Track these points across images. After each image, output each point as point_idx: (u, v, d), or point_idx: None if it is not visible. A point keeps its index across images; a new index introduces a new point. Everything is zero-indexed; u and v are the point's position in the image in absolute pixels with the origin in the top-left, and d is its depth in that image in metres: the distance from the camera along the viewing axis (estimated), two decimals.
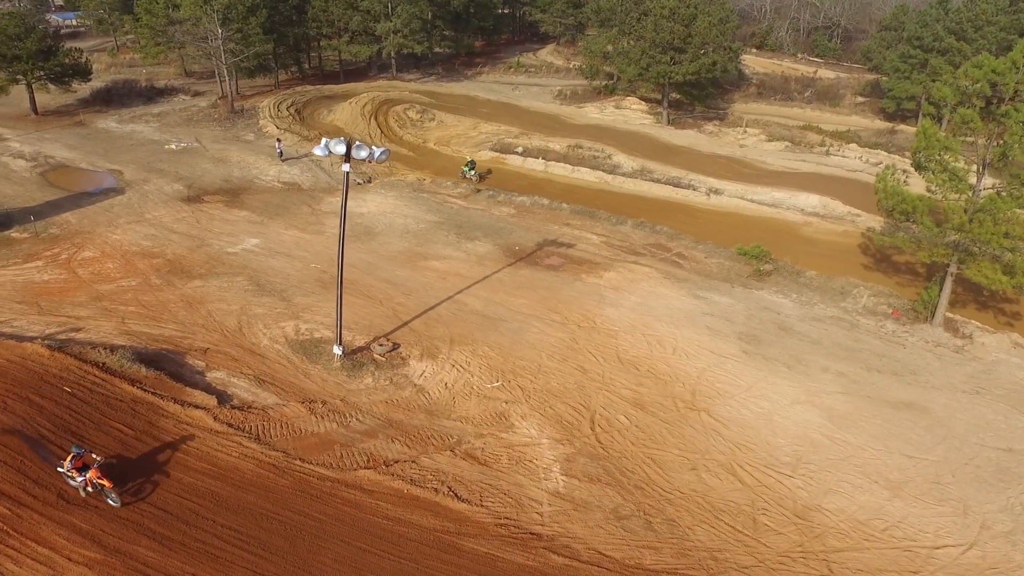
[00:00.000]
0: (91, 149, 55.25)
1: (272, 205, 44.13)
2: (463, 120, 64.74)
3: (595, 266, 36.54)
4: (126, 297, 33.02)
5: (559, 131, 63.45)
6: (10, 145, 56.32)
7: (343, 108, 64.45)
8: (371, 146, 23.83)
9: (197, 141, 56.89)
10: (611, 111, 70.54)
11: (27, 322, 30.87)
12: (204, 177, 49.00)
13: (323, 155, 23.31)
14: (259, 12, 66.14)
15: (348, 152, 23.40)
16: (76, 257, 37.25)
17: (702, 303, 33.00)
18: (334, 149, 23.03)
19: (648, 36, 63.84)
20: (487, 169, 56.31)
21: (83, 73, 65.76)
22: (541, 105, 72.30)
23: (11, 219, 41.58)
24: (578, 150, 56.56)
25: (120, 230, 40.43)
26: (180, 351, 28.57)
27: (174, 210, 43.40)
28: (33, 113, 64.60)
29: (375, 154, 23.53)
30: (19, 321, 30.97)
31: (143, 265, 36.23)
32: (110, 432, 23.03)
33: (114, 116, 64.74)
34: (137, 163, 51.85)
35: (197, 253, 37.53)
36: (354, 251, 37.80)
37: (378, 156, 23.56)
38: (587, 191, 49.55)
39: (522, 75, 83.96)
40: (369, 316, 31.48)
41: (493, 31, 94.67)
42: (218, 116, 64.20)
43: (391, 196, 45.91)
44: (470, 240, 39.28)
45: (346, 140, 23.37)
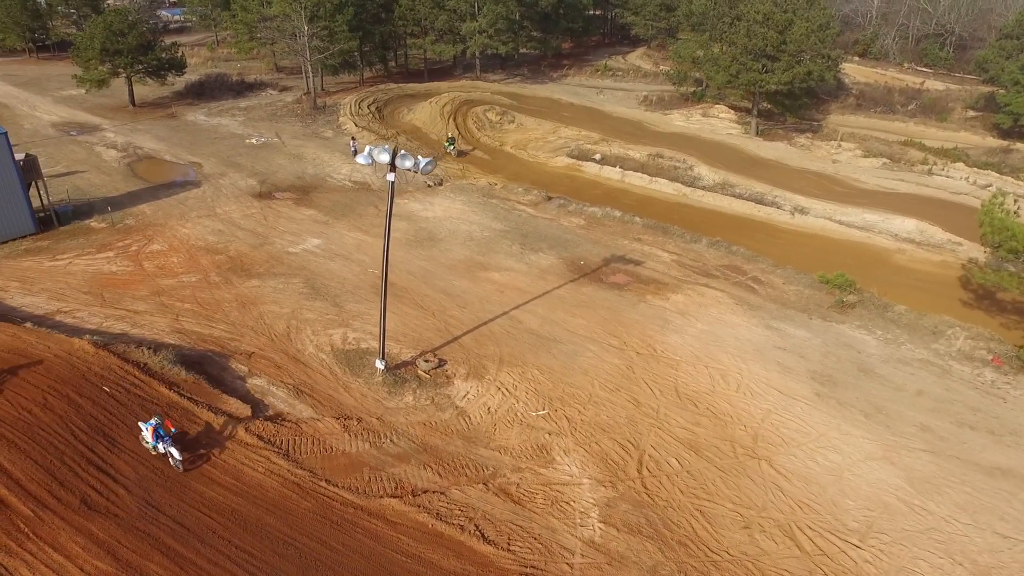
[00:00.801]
0: (177, 141, 56.29)
1: (339, 205, 43.56)
2: (543, 123, 63.05)
3: (662, 287, 34.23)
4: (184, 293, 32.84)
5: (641, 138, 60.97)
6: (106, 135, 58.03)
7: (422, 108, 63.78)
8: (416, 156, 22.41)
9: (277, 136, 57.21)
10: (697, 119, 67.47)
11: (88, 313, 31.03)
12: (278, 173, 48.99)
13: (366, 163, 22.03)
14: (346, 10, 66.20)
15: (393, 161, 22.07)
16: (145, 250, 37.49)
17: (775, 335, 30.28)
18: (377, 158, 21.75)
19: (740, 42, 60.56)
20: (471, 147, 58.44)
21: (178, 67, 67.35)
22: (625, 110, 69.86)
23: (93, 209, 42.40)
24: (658, 160, 54.01)
25: (190, 224, 40.59)
26: (225, 354, 27.98)
27: (244, 206, 43.38)
28: (131, 105, 66.58)
29: (420, 164, 22.12)
30: (81, 312, 31.15)
31: (205, 261, 36.10)
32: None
33: (204, 109, 66.04)
34: (217, 156, 52.41)
35: (259, 251, 37.19)
36: (413, 257, 36.72)
37: (423, 166, 22.14)
38: (664, 204, 47.06)
39: (608, 79, 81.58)
40: (419, 328, 30.20)
41: (582, 33, 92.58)
42: (300, 112, 64.59)
43: (459, 200, 44.67)
44: (534, 251, 37.57)
45: (390, 148, 22.03)
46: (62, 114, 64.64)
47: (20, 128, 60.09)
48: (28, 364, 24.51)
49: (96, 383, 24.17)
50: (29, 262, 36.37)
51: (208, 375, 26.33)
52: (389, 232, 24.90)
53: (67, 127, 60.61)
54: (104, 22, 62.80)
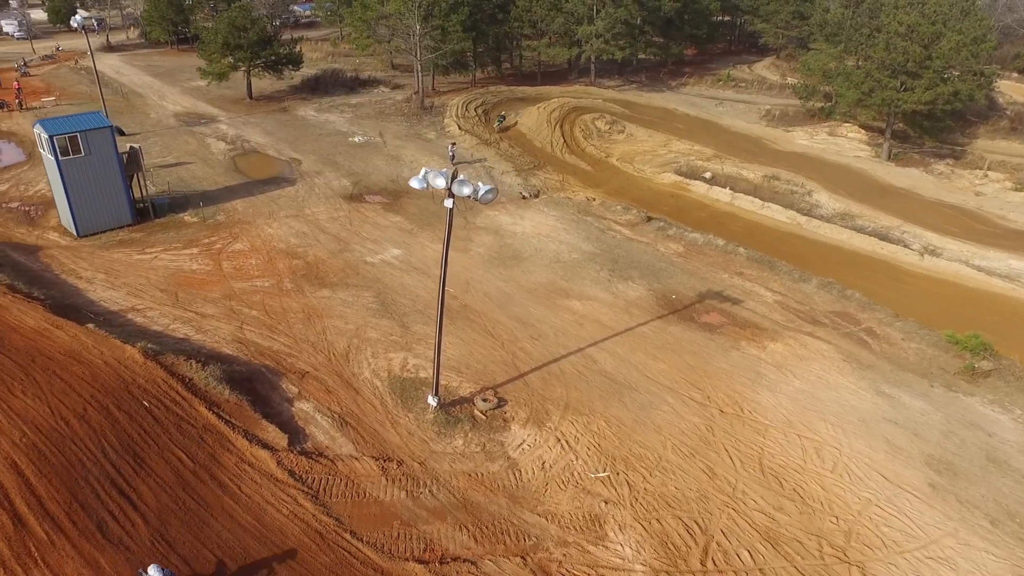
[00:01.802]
0: (283, 136, 56.31)
1: (427, 213, 41.73)
2: (654, 135, 59.27)
3: (760, 332, 30.27)
4: (254, 299, 31.77)
5: (758, 157, 56.18)
6: (219, 127, 58.89)
7: (529, 113, 61.34)
8: (477, 183, 19.84)
9: (380, 136, 56.25)
10: (822, 138, 61.77)
11: (159, 313, 30.45)
12: (373, 175, 47.80)
13: (420, 187, 19.65)
14: (461, 10, 64.64)
15: (449, 186, 19.62)
16: (227, 248, 36.89)
17: (886, 404, 25.86)
18: (432, 182, 19.34)
19: (877, 56, 54.65)
20: (514, 122, 59.71)
21: (295, 62, 67.83)
22: (744, 125, 64.93)
23: (187, 202, 42.46)
24: (773, 182, 49.29)
25: (276, 223, 39.82)
26: (279, 371, 26.49)
27: (332, 207, 42.30)
28: (248, 98, 67.63)
29: (480, 192, 19.55)
30: (153, 311, 30.62)
31: (282, 265, 35.03)
32: (171, 460, 21.10)
33: (315, 104, 66.20)
34: (317, 154, 51.89)
35: (337, 258, 35.80)
36: (493, 278, 34.30)
37: (482, 195, 19.56)
38: (774, 233, 42.54)
39: (730, 89, 76.49)
40: (485, 360, 27.73)
41: (707, 40, 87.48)
42: (407, 111, 63.55)
43: (552, 216, 41.91)
44: (623, 280, 34.33)
45: (447, 172, 19.57)
46: (186, 104, 66.40)
47: (146, 117, 62.06)
48: (78, 368, 23.79)
49: (138, 396, 23.07)
50: (119, 254, 36.48)
51: (255, 394, 24.86)
52: (446, 264, 22.37)
53: (187, 117, 62.06)
54: (228, 17, 63.90)
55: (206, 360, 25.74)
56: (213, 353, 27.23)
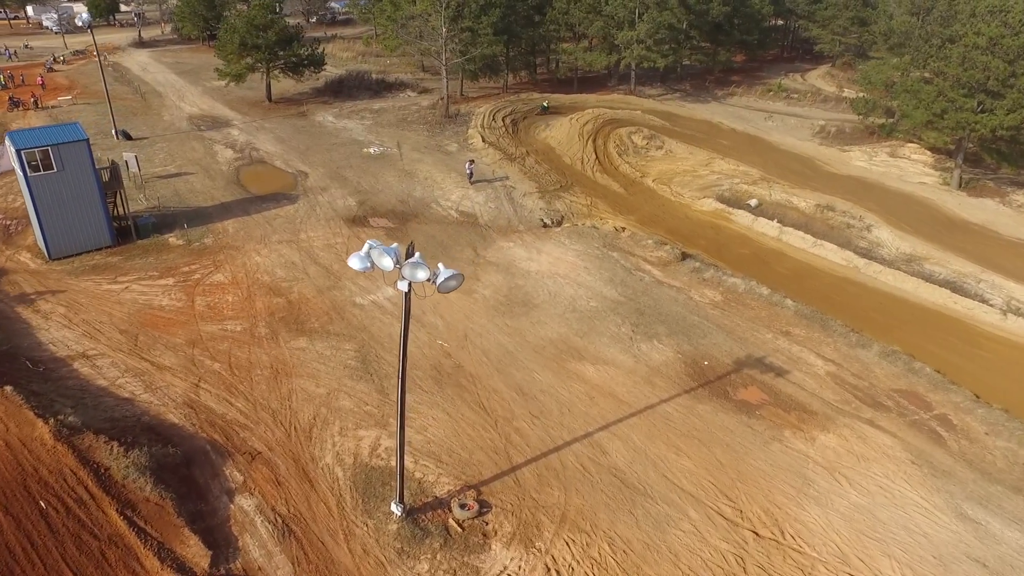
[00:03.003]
0: (295, 145, 52.04)
1: (434, 242, 36.90)
2: (695, 152, 53.51)
3: (809, 417, 24.73)
4: (220, 348, 27.34)
5: (810, 180, 50.09)
6: (231, 132, 54.94)
7: (560, 125, 56.06)
8: (437, 266, 14.80)
9: (397, 147, 51.59)
10: (883, 159, 55.26)
11: (110, 362, 26.30)
12: (382, 193, 43.10)
13: (361, 269, 14.65)
14: (492, 11, 59.55)
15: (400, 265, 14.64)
16: (206, 280, 32.57)
17: (969, 532, 20.21)
18: (377, 261, 14.37)
19: (951, 72, 48.03)
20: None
21: (317, 64, 63.60)
22: (795, 142, 58.66)
23: (176, 221, 38.35)
24: (827, 213, 43.26)
25: (266, 250, 35.43)
26: (226, 450, 21.93)
27: (332, 232, 37.75)
28: (267, 100, 63.69)
29: (439, 277, 14.55)
30: (104, 359, 26.49)
31: (261, 304, 30.55)
32: None
33: (335, 109, 61.85)
34: (327, 166, 47.43)
35: (323, 298, 31.20)
36: (496, 329, 29.29)
37: (442, 282, 14.55)
38: (827, 278, 36.66)
39: (781, 101, 70.01)
40: (472, 444, 22.78)
41: (758, 46, 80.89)
42: (431, 119, 58.76)
43: (573, 250, 36.69)
44: (647, 338, 29.00)
45: (397, 249, 14.58)
46: (203, 106, 62.70)
47: (159, 119, 58.51)
48: None
49: (35, 494, 18.68)
50: (88, 282, 32.46)
51: (190, 484, 20.35)
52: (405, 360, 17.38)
53: (201, 120, 58.29)
54: (247, 15, 59.88)
55: (135, 439, 21.30)
56: (153, 424, 22.84)
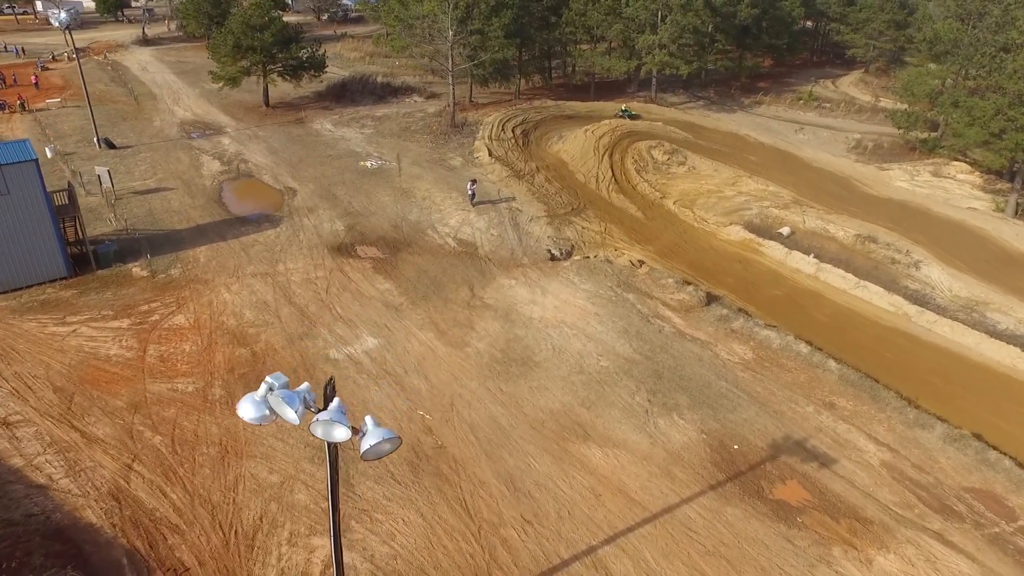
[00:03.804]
0: (287, 156, 47.63)
1: (427, 278, 32.32)
2: (721, 170, 48.53)
3: (862, 528, 19.93)
4: (166, 415, 23.02)
5: (847, 203, 45.02)
6: (221, 141, 50.70)
7: (575, 137, 51.23)
8: (363, 425, 10.01)
9: (397, 160, 47.03)
10: (925, 179, 50.01)
11: (34, 432, 22.13)
12: (373, 217, 38.57)
13: (257, 420, 10.00)
14: (504, 13, 54.72)
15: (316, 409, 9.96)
16: (164, 323, 28.24)
17: None
18: (278, 409, 9.72)
19: (1011, 87, 42.71)
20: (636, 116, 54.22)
21: (317, 67, 59.15)
22: (829, 158, 53.49)
23: (143, 247, 34.08)
24: (869, 245, 38.22)
25: (237, 285, 31.06)
26: (145, 568, 17.52)
27: (313, 263, 33.28)
28: (264, 105, 59.33)
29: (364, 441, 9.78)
30: (28, 427, 22.40)
31: (221, 357, 26.17)
32: None
33: (335, 116, 57.38)
34: (318, 182, 42.98)
35: (293, 349, 26.76)
36: (488, 396, 24.68)
37: (367, 450, 9.75)
38: (873, 328, 31.66)
39: (812, 111, 64.67)
40: (447, 562, 18.22)
41: (787, 50, 75.45)
42: (436, 128, 54.14)
43: (584, 290, 31.96)
44: (666, 411, 24.27)
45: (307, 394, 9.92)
46: (197, 111, 58.47)
47: (149, 125, 54.41)
48: None
49: None
50: (33, 323, 28.23)
51: None
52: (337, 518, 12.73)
53: (193, 127, 54.09)
54: (242, 15, 55.48)
55: (27, 556, 16.96)
56: (63, 526, 18.53)
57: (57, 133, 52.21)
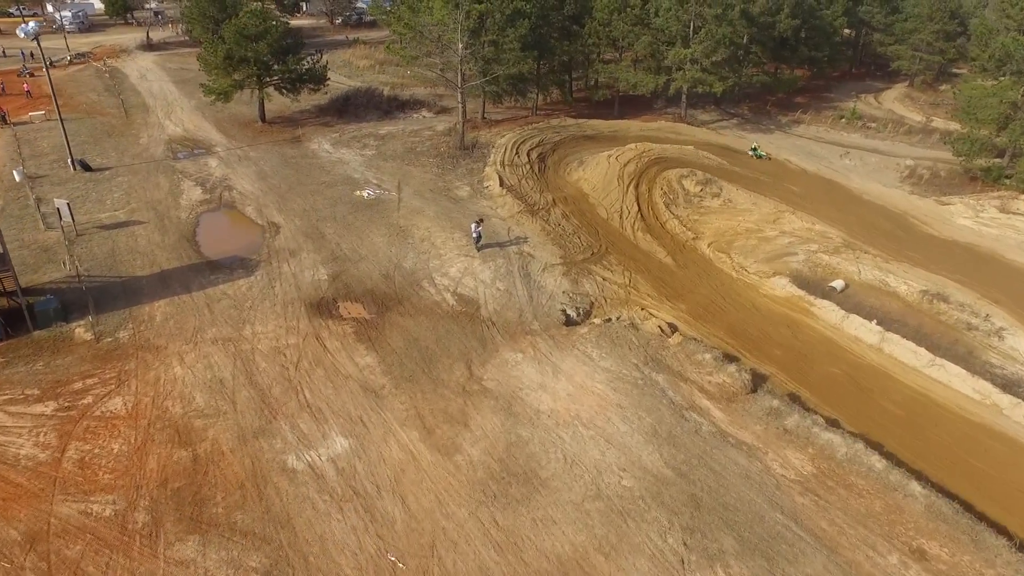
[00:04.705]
0: (277, 182, 42.37)
1: (417, 350, 26.82)
2: (760, 203, 42.57)
3: None
4: (68, 554, 17.82)
5: (906, 246, 38.95)
6: (208, 163, 45.61)
7: (597, 164, 45.45)
8: None
9: (397, 189, 41.57)
10: (992, 216, 43.71)
11: None
12: (363, 262, 33.15)
13: None
14: (521, 23, 48.98)
15: None
16: (96, 410, 23.07)
17: None
18: None
19: None
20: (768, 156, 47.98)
21: (317, 80, 53.81)
22: (880, 190, 47.30)
23: (95, 299, 28.92)
24: (938, 305, 32.16)
25: (192, 356, 25.81)
26: None
27: (286, 326, 27.92)
28: (260, 121, 54.14)
29: None
30: None
31: (155, 463, 20.91)
32: None
33: (335, 134, 52.05)
34: (306, 217, 37.67)
35: (243, 453, 21.40)
36: (481, 534, 19.12)
37: None
38: (956, 423, 25.62)
39: (857, 131, 58.32)
40: None
41: (828, 63, 68.98)
42: (443, 150, 48.62)
43: (603, 369, 26.26)
44: (708, 561, 18.56)
45: None
46: (188, 126, 53.47)
47: (135, 142, 49.50)
48: None
49: None
50: None
51: None
52: None
53: (181, 145, 49.07)
54: (236, 24, 50.21)
55: None
56: None
57: (34, 151, 47.48)
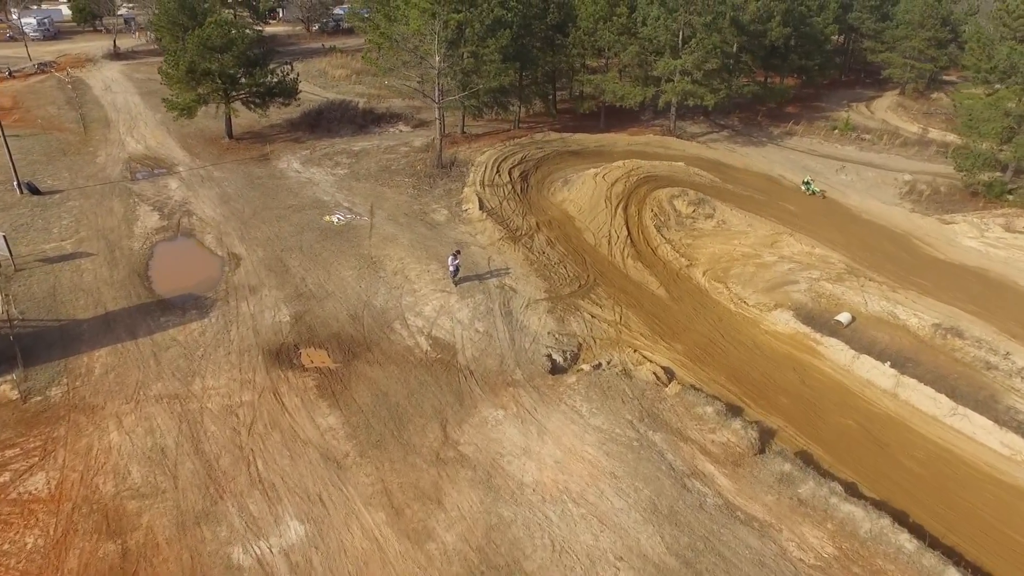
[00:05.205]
0: (241, 206, 39.26)
1: (386, 407, 23.87)
2: (755, 224, 39.97)
3: None
4: None
5: (912, 272, 36.48)
6: (168, 185, 42.40)
7: (583, 183, 42.67)
8: None
9: (370, 213, 38.64)
10: (998, 235, 41.36)
11: None
12: (329, 300, 30.14)
13: None
14: (502, 33, 46.11)
15: None
16: (12, 492, 20.05)
17: None
18: None
19: None
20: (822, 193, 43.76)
21: (287, 94, 50.68)
22: (880, 207, 44.85)
23: (26, 348, 25.77)
24: (953, 341, 29.62)
25: (132, 418, 22.74)
26: None
27: (240, 380, 24.88)
28: (227, 137, 50.89)
29: None
30: None
31: (76, 561, 17.93)
32: None
33: (305, 151, 48.94)
34: (270, 246, 34.61)
35: (182, 543, 18.37)
36: None
37: None
38: (987, 486, 23.01)
39: (852, 143, 55.96)
40: None
41: (819, 71, 66.63)
42: (420, 168, 45.66)
43: (594, 428, 23.43)
44: None
45: None
46: (151, 142, 50.19)
47: (90, 162, 46.14)
48: None
49: None
50: None
51: None
52: None
53: (141, 164, 45.87)
54: (199, 36, 47.02)
55: None
56: None
57: None
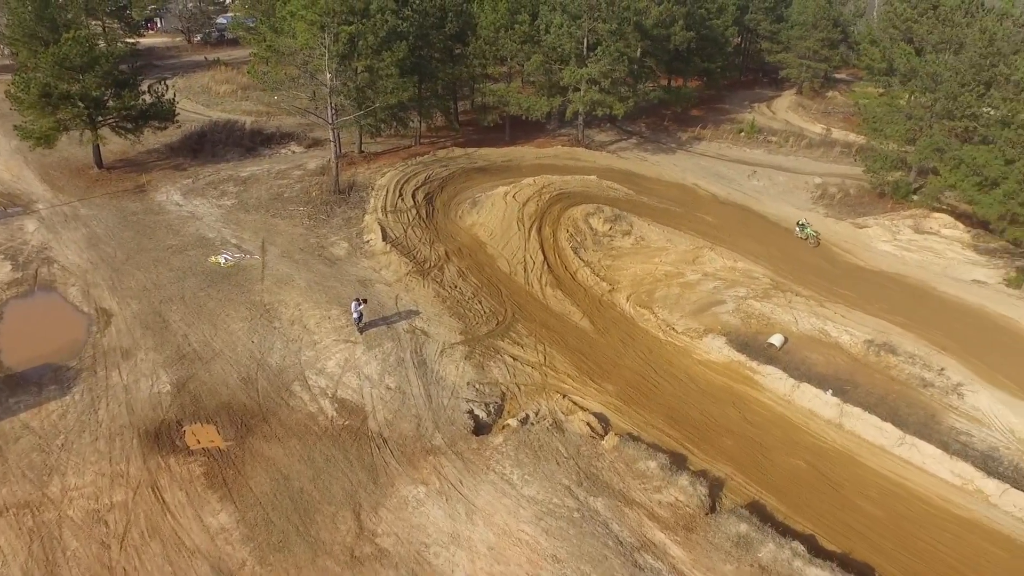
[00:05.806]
0: (112, 251, 34.45)
1: (288, 496, 20.39)
2: (675, 239, 38.32)
3: None
4: None
5: (835, 281, 35.69)
6: (24, 227, 36.98)
7: (492, 204, 39.94)
8: None
9: (261, 250, 34.68)
10: (909, 237, 41.36)
11: None
12: (217, 361, 26.22)
13: None
14: (398, 46, 42.76)
15: None
16: None
17: None
18: None
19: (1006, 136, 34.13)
20: (817, 239, 40.37)
21: (163, 117, 45.52)
22: (795, 213, 44.19)
23: None
24: (887, 357, 28.63)
25: None
26: None
27: (111, 474, 20.81)
28: (96, 167, 45.32)
29: None
30: None
31: None
32: None
33: (187, 179, 44.10)
34: (146, 297, 30.19)
35: None
36: None
37: None
38: (945, 523, 21.69)
39: (759, 146, 55.64)
40: None
41: (721, 73, 66.43)
42: (316, 195, 41.77)
43: (528, 500, 20.70)
44: None
45: None
46: (3, 175, 44.12)
47: None
48: None
49: None
50: None
51: None
52: None
53: None
54: (55, 54, 41.38)
55: None
56: None
57: None
